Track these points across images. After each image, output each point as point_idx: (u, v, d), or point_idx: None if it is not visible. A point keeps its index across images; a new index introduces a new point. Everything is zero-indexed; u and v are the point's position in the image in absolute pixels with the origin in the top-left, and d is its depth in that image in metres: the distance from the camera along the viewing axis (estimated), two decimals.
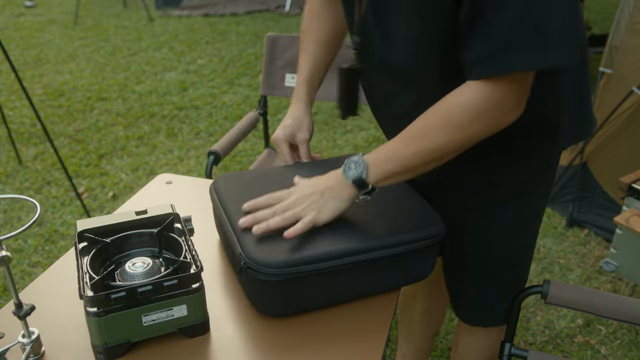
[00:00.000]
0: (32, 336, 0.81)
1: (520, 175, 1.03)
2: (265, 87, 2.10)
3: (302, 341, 0.86)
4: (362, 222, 0.94)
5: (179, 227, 0.95)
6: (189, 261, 0.86)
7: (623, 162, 2.21)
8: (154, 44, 5.18)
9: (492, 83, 0.79)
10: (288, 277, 0.84)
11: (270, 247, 0.87)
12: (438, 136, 0.84)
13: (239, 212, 0.95)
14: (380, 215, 0.96)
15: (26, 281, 2.16)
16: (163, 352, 0.83)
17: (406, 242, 0.90)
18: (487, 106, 0.81)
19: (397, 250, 0.90)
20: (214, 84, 4.18)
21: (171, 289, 0.81)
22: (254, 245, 0.87)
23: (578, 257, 2.28)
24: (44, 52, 4.95)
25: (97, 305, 0.77)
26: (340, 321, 0.90)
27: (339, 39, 1.14)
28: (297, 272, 0.84)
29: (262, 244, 0.87)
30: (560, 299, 1.06)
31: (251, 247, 0.87)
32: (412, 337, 1.59)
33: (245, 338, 0.86)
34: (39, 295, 0.94)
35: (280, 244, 0.88)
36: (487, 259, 1.13)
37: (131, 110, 3.74)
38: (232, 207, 0.97)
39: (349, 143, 3.29)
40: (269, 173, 1.09)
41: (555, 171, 1.10)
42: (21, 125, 3.50)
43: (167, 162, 3.08)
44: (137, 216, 0.95)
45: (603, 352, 1.83)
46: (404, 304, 1.55)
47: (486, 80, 0.79)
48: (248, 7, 6.43)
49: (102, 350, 0.80)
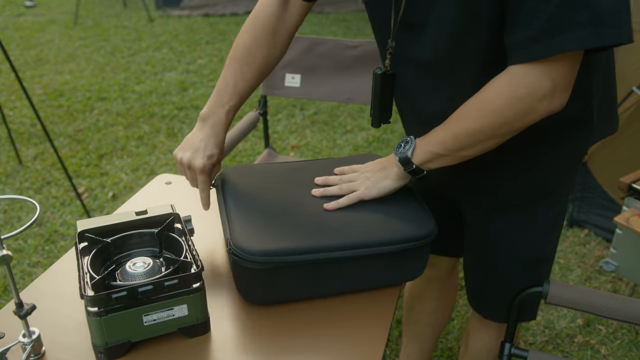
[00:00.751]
0: (33, 336, 0.81)
1: (550, 172, 1.03)
2: (265, 87, 2.10)
3: (301, 342, 0.86)
4: (351, 220, 0.95)
5: (179, 227, 0.95)
6: (189, 261, 0.86)
7: (623, 162, 2.21)
8: (154, 44, 5.18)
9: (531, 67, 0.78)
10: (268, 266, 0.87)
11: (257, 235, 0.89)
12: (473, 119, 0.85)
13: (238, 198, 1.00)
14: (372, 214, 0.97)
15: (26, 281, 2.16)
16: (164, 352, 0.83)
17: (389, 243, 0.91)
18: (523, 90, 0.80)
19: (379, 250, 0.91)
20: (214, 84, 4.18)
21: (172, 289, 0.81)
22: (241, 232, 0.90)
23: (578, 257, 2.28)
24: (44, 52, 4.95)
25: (97, 305, 0.77)
26: (341, 321, 0.90)
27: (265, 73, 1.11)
28: (277, 262, 0.87)
29: (248, 232, 0.90)
30: (560, 299, 1.06)
31: (238, 234, 0.90)
32: (418, 337, 1.58)
33: (245, 338, 0.86)
34: (39, 295, 0.94)
35: (268, 233, 0.90)
36: (511, 259, 1.12)
37: (131, 110, 3.74)
38: (231, 194, 1.02)
39: (349, 143, 3.29)
40: (277, 169, 1.13)
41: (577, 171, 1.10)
42: (21, 125, 3.50)
43: (167, 162, 3.08)
44: (137, 216, 0.95)
45: (603, 352, 1.83)
46: (411, 304, 1.55)
47: (526, 65, 0.78)
48: (248, 7, 6.43)
49: (102, 350, 0.80)
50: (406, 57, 0.95)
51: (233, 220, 0.95)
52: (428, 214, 0.98)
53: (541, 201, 1.06)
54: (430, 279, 1.45)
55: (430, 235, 0.94)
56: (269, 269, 0.88)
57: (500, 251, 1.13)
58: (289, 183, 1.06)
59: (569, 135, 0.99)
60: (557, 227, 1.13)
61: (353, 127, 3.51)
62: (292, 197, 1.01)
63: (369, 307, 0.93)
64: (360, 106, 3.75)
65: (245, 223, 0.93)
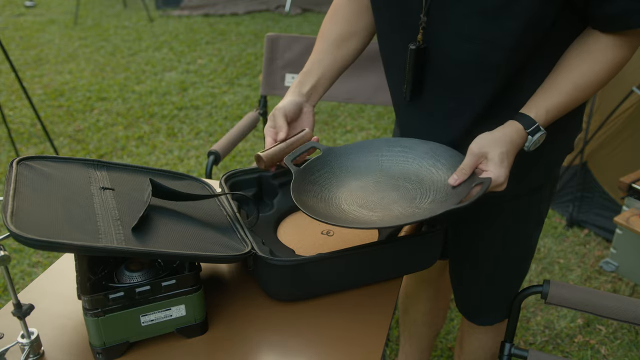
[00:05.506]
0: (32, 336, 0.81)
1: (541, 167, 1.04)
2: (265, 87, 2.10)
3: (301, 342, 0.85)
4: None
5: None
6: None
7: (623, 162, 2.21)
8: (154, 44, 5.18)
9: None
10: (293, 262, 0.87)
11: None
12: (589, 95, 0.91)
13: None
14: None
15: (26, 281, 2.16)
16: (161, 352, 0.83)
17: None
18: (631, 53, 0.87)
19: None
20: (214, 84, 4.18)
21: (169, 289, 0.81)
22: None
23: (578, 257, 2.28)
24: (44, 52, 4.95)
25: (95, 306, 0.77)
26: (340, 321, 0.90)
27: (354, 39, 1.09)
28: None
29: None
30: (560, 299, 1.06)
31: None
32: (415, 337, 1.59)
33: (243, 338, 0.86)
34: (38, 295, 0.94)
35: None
36: (497, 257, 1.14)
37: (131, 110, 3.74)
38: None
39: (348, 143, 3.29)
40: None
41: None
42: (21, 125, 3.50)
43: (167, 162, 3.08)
44: None
45: (603, 352, 1.83)
46: (406, 306, 1.55)
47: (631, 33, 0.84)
48: (248, 7, 6.43)
49: (100, 350, 0.80)
50: (447, 33, 0.92)
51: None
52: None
53: (528, 198, 1.07)
54: (423, 280, 1.46)
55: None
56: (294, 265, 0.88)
57: (483, 250, 1.14)
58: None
59: (561, 136, 1.01)
60: (540, 226, 1.14)
61: (353, 127, 3.50)
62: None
63: (368, 307, 0.93)
64: (360, 106, 3.75)
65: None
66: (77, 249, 0.74)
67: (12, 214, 0.74)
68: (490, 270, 1.16)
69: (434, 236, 0.97)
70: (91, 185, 0.93)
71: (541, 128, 0.89)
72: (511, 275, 1.18)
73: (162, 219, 0.88)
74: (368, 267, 0.94)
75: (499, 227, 1.10)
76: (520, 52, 0.87)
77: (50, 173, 0.91)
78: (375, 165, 1.00)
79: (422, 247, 0.97)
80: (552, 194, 1.13)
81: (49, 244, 0.71)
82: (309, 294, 0.93)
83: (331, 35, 1.08)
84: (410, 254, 0.97)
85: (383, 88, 2.02)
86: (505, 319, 1.21)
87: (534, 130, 0.89)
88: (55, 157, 0.96)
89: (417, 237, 0.96)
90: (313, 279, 0.91)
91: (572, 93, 0.89)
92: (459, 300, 1.27)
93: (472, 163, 0.88)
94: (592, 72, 0.88)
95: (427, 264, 0.99)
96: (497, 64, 0.88)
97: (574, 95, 0.89)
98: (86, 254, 0.86)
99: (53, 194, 0.85)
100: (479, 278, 1.19)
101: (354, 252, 0.91)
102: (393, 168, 0.99)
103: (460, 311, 1.28)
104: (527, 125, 0.89)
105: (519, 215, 1.09)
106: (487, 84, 0.91)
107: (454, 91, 0.95)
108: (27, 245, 0.71)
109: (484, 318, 1.25)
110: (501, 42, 0.86)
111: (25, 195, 0.81)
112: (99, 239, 0.77)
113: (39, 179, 0.87)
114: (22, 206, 0.77)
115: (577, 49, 0.89)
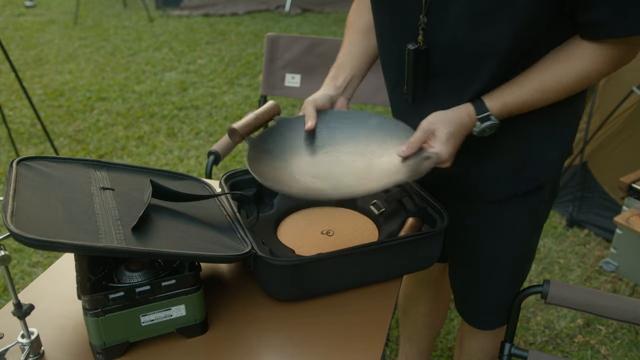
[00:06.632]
0: (32, 336, 0.81)
1: (543, 166, 1.04)
2: (265, 87, 2.10)
3: (300, 342, 0.85)
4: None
5: None
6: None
7: (623, 162, 2.21)
8: (154, 44, 5.18)
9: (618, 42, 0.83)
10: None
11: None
12: (555, 98, 0.91)
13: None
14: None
15: (26, 281, 2.16)
16: (161, 352, 0.83)
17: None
18: (610, 68, 0.86)
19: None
20: (214, 84, 4.18)
21: (169, 289, 0.81)
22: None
23: (578, 257, 2.28)
24: (44, 52, 4.95)
25: (95, 306, 0.77)
26: (340, 321, 0.90)
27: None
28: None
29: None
30: (560, 299, 1.06)
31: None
32: (415, 338, 1.59)
33: (243, 338, 0.86)
34: (38, 295, 0.94)
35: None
36: (496, 260, 1.13)
37: (131, 110, 3.74)
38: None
39: None
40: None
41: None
42: (21, 125, 3.50)
43: (167, 162, 3.07)
44: None
45: (603, 352, 1.83)
46: (406, 307, 1.55)
47: (612, 41, 0.83)
48: (248, 7, 6.43)
49: (100, 350, 0.80)
50: (446, 34, 0.92)
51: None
52: (439, 204, 1.01)
53: (528, 198, 1.07)
54: (423, 282, 1.46)
55: (443, 225, 0.97)
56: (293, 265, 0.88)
57: (483, 251, 1.14)
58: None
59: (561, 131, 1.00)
60: (540, 228, 1.14)
61: None
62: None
63: (368, 307, 0.93)
64: (360, 106, 3.75)
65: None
66: (77, 248, 0.74)
67: (12, 214, 0.74)
68: (489, 273, 1.16)
69: (434, 236, 0.97)
70: (91, 186, 0.93)
71: (492, 118, 0.91)
72: (510, 278, 1.17)
73: (162, 219, 0.88)
74: (368, 267, 0.94)
75: (498, 230, 1.10)
76: (518, 52, 0.88)
77: (50, 173, 0.91)
78: (327, 137, 1.02)
79: (422, 247, 0.97)
80: (553, 198, 1.13)
81: (49, 243, 0.72)
82: (309, 294, 0.93)
83: (358, 26, 1.11)
84: (410, 253, 0.97)
85: (382, 88, 2.02)
86: (505, 324, 1.20)
87: (484, 118, 0.91)
88: (55, 158, 0.96)
89: (417, 237, 0.96)
90: (313, 279, 0.91)
91: (534, 93, 0.90)
92: (459, 303, 1.27)
93: (421, 137, 0.91)
94: (564, 75, 0.88)
95: (427, 264, 0.99)
96: (495, 64, 0.89)
97: (535, 95, 0.90)
98: (86, 254, 0.86)
99: (53, 194, 0.85)
100: (478, 281, 1.18)
101: (354, 252, 0.91)
102: (345, 140, 1.02)
103: (460, 314, 1.28)
104: (479, 112, 0.91)
105: (518, 218, 1.09)
106: (485, 84, 0.92)
107: (453, 91, 0.95)
108: (27, 245, 0.71)
109: (483, 322, 1.25)
110: (499, 42, 0.86)
111: (25, 195, 0.81)
112: (99, 239, 0.77)
113: (39, 179, 0.87)
114: (22, 206, 0.77)
115: (558, 51, 0.89)
